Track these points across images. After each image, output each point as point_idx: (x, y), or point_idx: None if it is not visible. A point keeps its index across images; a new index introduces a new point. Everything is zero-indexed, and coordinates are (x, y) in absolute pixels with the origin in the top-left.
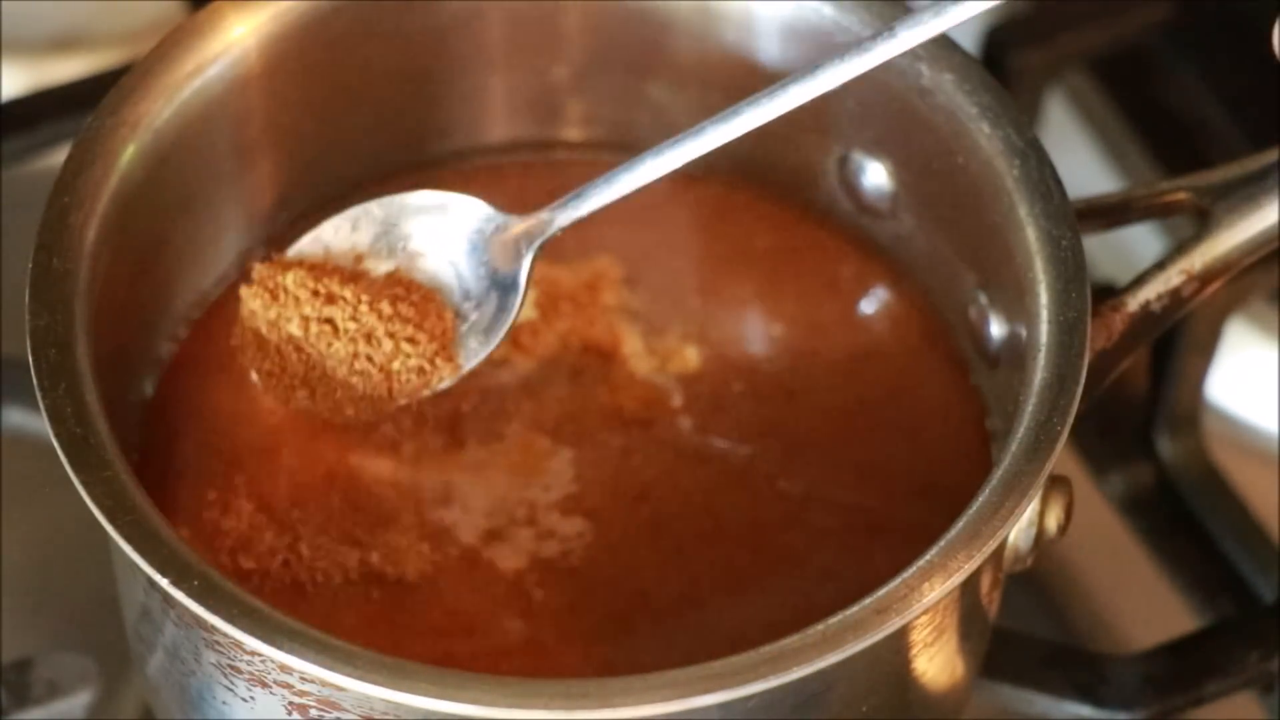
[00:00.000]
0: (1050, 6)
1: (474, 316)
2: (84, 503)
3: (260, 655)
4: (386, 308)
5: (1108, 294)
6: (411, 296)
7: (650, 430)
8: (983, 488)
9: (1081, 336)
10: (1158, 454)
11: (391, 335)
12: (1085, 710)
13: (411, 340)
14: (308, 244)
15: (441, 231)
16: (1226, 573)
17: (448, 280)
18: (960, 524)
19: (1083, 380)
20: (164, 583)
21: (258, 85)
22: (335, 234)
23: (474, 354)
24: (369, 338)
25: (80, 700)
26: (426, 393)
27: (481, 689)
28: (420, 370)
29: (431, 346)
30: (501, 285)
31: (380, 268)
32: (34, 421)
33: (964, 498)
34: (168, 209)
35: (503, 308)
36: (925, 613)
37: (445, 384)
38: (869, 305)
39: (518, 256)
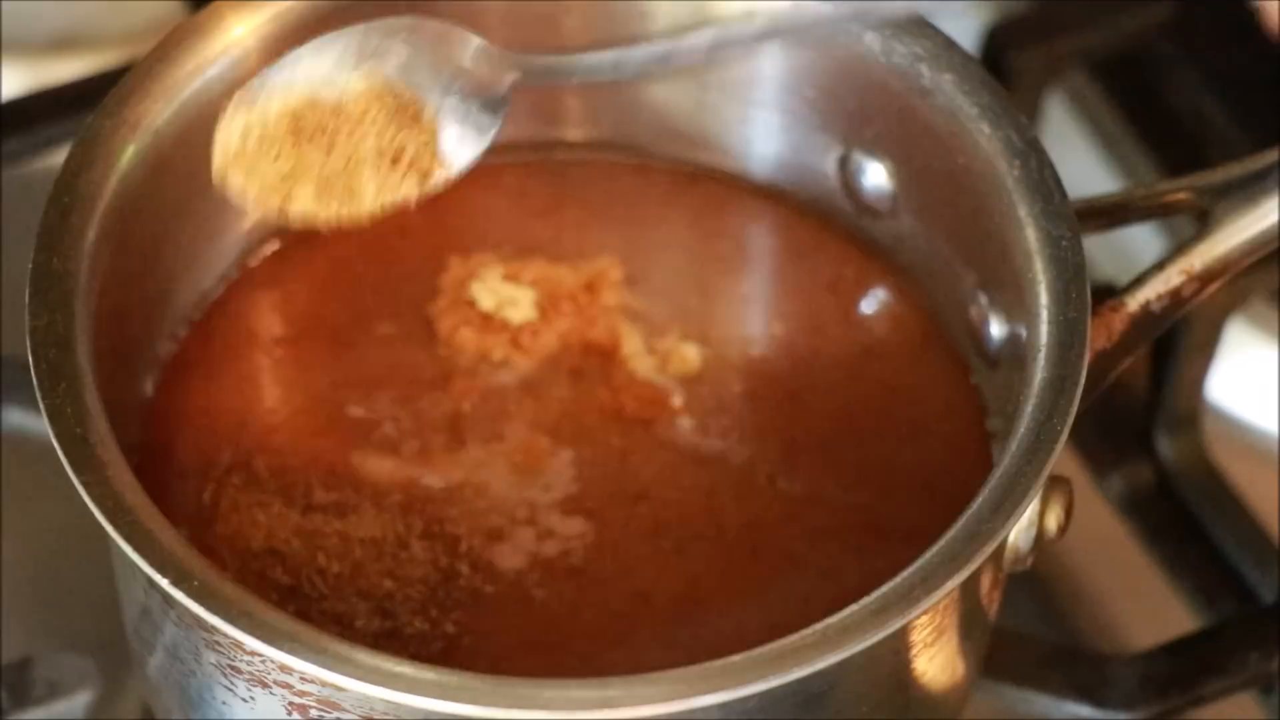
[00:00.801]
0: (1050, 6)
1: (455, 127)
2: (84, 503)
3: (260, 655)
4: (365, 106)
5: (1108, 294)
6: (387, 99)
7: (650, 430)
8: (983, 488)
9: (1081, 337)
10: (1157, 454)
11: (375, 131)
12: (1085, 710)
13: (396, 138)
14: (274, 75)
15: (418, 43)
16: (1226, 573)
17: (426, 84)
18: (960, 524)
19: (1083, 380)
20: (164, 583)
21: None
22: (297, 61)
23: (461, 156)
24: (351, 132)
25: (80, 700)
26: (415, 194)
27: (481, 689)
28: (408, 166)
29: (417, 143)
30: (488, 99)
31: (352, 76)
32: (34, 421)
33: (964, 498)
34: (168, 209)
35: (488, 115)
36: (925, 613)
37: (435, 185)
38: (869, 305)
39: (502, 74)
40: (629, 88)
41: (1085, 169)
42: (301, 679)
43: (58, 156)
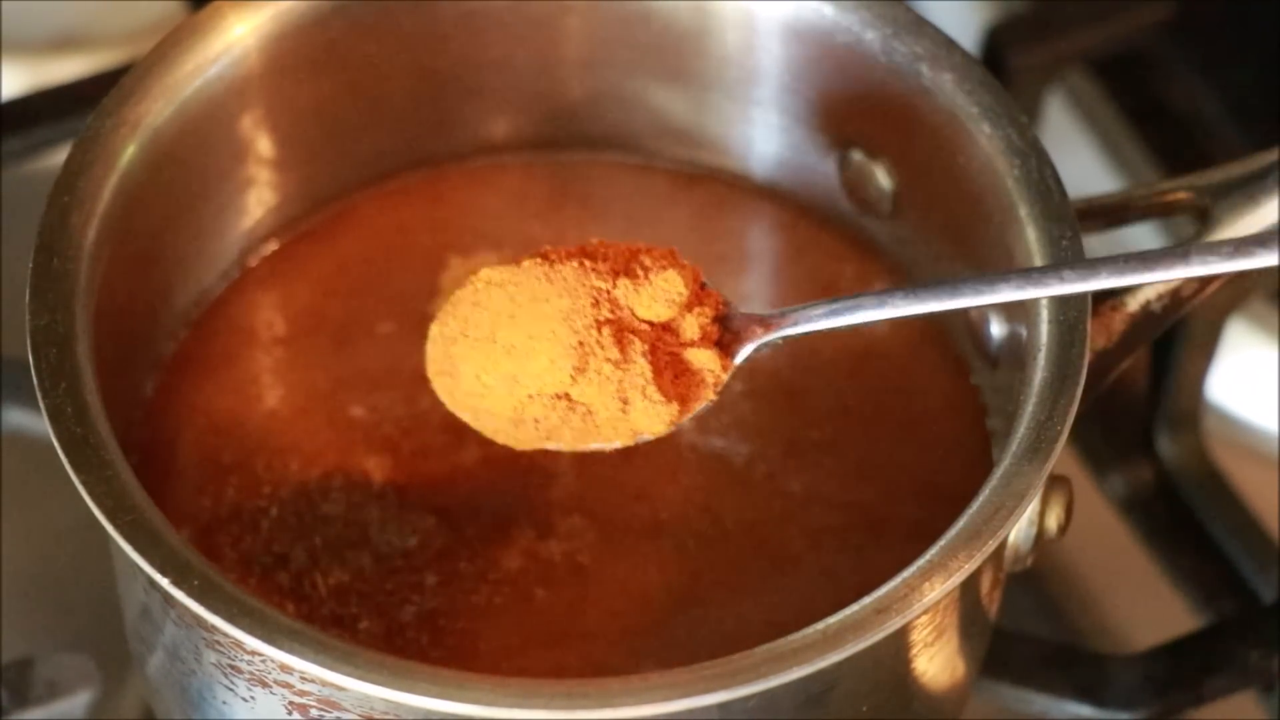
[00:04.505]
0: (1050, 6)
1: None
2: (84, 503)
3: (260, 655)
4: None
5: (1108, 294)
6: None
7: None
8: (983, 487)
9: (1082, 336)
10: (1158, 454)
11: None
12: (1085, 710)
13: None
14: None
15: None
16: (1226, 572)
17: None
18: (960, 524)
19: (1083, 380)
20: (164, 582)
21: (258, 85)
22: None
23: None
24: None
25: (80, 700)
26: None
27: (481, 689)
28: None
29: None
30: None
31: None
32: (34, 421)
33: (964, 497)
34: (168, 209)
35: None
36: (925, 612)
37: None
38: None
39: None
40: (629, 88)
41: (1085, 169)
42: (302, 678)
43: (58, 156)
